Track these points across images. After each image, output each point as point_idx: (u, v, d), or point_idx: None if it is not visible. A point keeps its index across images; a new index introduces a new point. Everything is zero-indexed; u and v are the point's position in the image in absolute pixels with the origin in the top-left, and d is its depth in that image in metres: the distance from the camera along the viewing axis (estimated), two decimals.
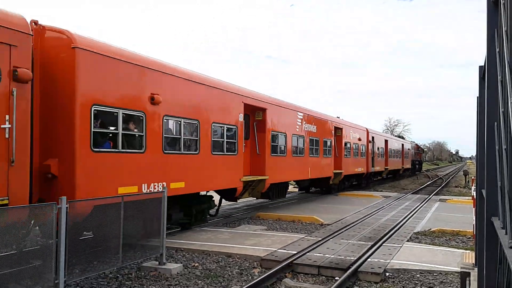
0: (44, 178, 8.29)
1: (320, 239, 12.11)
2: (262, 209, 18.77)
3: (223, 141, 13.66)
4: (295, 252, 10.33)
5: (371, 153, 33.36)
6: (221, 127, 13.56)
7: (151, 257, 9.42)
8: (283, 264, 9.38)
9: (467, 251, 10.86)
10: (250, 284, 7.99)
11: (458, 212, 19.14)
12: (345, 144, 26.94)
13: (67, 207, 6.64)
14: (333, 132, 24.99)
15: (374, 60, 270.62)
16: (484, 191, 4.55)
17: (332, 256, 10.22)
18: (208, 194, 14.11)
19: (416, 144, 67.06)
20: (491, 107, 4.14)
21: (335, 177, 25.27)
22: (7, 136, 6.90)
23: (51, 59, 8.42)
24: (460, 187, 36.66)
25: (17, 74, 7.06)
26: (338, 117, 27.69)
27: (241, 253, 10.39)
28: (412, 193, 30.28)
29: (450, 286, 8.47)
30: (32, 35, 7.58)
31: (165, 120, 10.94)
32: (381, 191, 31.55)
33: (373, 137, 34.35)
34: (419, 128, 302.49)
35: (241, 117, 14.75)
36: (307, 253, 10.40)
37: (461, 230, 14.10)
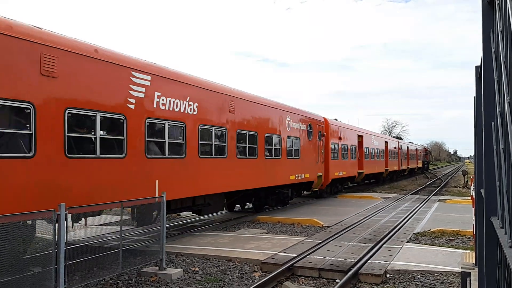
0: None
1: (320, 241, 12.10)
2: (261, 213, 18.76)
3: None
4: (295, 255, 10.31)
5: (401, 156, 48.57)
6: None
7: (151, 262, 9.40)
8: (284, 267, 9.37)
9: (467, 251, 10.87)
10: None
11: (458, 212, 19.15)
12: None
13: (66, 214, 6.62)
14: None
15: (370, 61, 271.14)
16: (483, 191, 4.55)
17: (333, 258, 10.21)
18: None
19: (425, 148, 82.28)
20: (488, 107, 4.15)
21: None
22: None
23: None
24: (459, 187, 36.68)
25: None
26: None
27: (241, 257, 10.38)
28: (411, 194, 30.29)
29: (451, 286, 8.46)
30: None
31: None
32: (380, 192, 31.56)
33: (401, 145, 50.30)
34: (417, 129, 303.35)
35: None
36: (308, 256, 10.39)
37: (461, 230, 14.10)
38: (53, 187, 7.95)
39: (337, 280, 8.82)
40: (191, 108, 12.11)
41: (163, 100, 10.93)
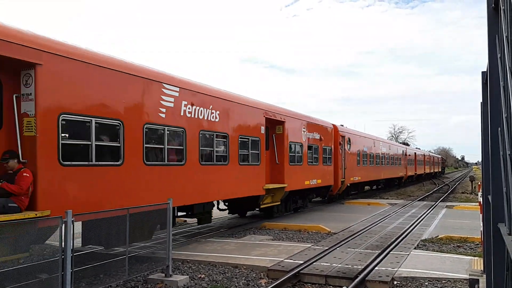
0: None
1: (326, 248, 12.05)
2: (267, 219, 18.72)
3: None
4: (302, 262, 10.27)
5: (428, 163, 67.76)
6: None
7: (158, 269, 9.41)
8: (290, 274, 9.33)
9: (476, 258, 10.77)
10: None
11: (466, 219, 19.00)
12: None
13: (73, 220, 6.64)
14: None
15: (376, 67, 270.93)
16: (490, 197, 4.52)
17: (339, 265, 10.16)
18: None
19: (442, 157, 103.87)
20: (494, 112, 4.13)
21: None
22: None
23: None
24: (467, 193, 36.42)
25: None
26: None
27: (248, 263, 10.35)
28: (418, 200, 30.11)
29: None
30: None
31: None
32: (387, 198, 31.41)
33: (433, 157, 78.33)
34: (424, 134, 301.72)
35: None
36: (314, 263, 10.35)
37: (469, 236, 13.99)
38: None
39: (344, 287, 8.78)
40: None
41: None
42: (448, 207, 24.60)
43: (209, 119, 12.80)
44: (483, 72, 6.68)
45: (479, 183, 14.46)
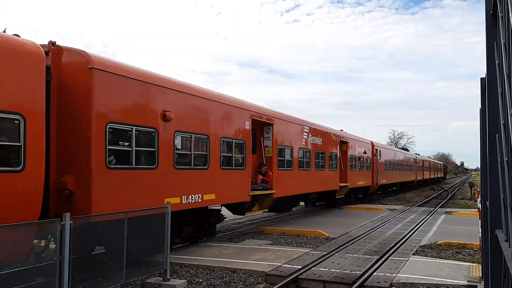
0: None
1: (325, 253, 12.03)
2: (266, 224, 18.71)
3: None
4: (300, 267, 10.25)
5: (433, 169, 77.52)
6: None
7: (155, 273, 9.37)
8: (288, 279, 9.31)
9: (474, 264, 10.76)
10: None
11: (464, 225, 18.98)
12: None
13: (70, 224, 6.64)
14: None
15: (376, 72, 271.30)
16: (488, 204, 4.52)
17: (338, 270, 10.14)
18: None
19: (444, 164, 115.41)
20: (493, 119, 4.15)
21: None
22: None
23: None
24: (466, 199, 36.40)
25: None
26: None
27: (246, 268, 10.33)
28: (417, 206, 30.08)
29: None
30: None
31: None
32: (386, 204, 31.39)
33: (436, 163, 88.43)
34: (424, 140, 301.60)
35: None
36: (312, 268, 10.33)
37: (467, 242, 13.97)
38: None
39: None
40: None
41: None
42: (447, 213, 24.58)
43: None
44: (482, 79, 6.70)
45: (478, 189, 14.48)
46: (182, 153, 11.67)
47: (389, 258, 11.63)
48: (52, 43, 8.83)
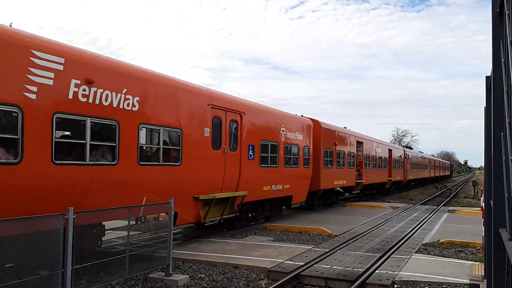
0: None
1: (327, 250, 12.04)
2: (268, 221, 18.72)
3: None
4: (302, 264, 10.26)
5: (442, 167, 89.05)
6: None
7: (158, 268, 9.41)
8: (290, 276, 9.33)
9: (477, 262, 10.74)
10: None
11: (467, 223, 18.95)
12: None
13: (74, 218, 6.66)
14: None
15: (381, 70, 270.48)
16: (492, 202, 4.51)
17: (340, 267, 10.14)
18: None
19: (450, 163, 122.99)
20: (498, 117, 4.12)
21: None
22: None
23: None
24: (469, 198, 36.31)
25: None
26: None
27: (248, 264, 10.35)
28: (420, 204, 30.04)
29: None
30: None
31: None
32: (389, 201, 31.35)
33: (444, 162, 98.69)
34: (427, 138, 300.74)
35: None
36: (315, 265, 10.33)
37: (470, 241, 13.94)
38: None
39: None
40: None
41: None
42: (450, 212, 24.54)
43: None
44: (487, 77, 6.66)
45: (481, 188, 14.43)
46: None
47: (392, 256, 11.62)
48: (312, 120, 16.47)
